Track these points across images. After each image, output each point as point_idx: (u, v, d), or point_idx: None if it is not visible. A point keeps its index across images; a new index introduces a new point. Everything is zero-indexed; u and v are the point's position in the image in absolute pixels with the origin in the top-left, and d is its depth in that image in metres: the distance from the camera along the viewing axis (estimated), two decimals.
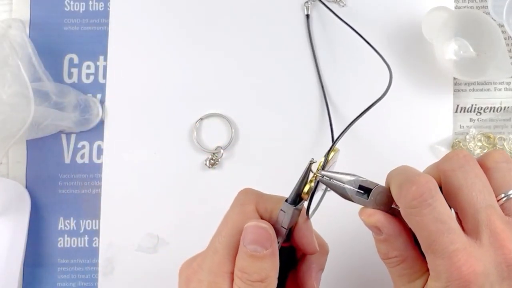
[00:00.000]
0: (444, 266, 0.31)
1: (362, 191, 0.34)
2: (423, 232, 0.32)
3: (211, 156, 0.52)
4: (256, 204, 0.36)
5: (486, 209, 0.32)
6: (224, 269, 0.35)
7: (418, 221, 0.32)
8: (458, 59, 0.49)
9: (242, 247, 0.34)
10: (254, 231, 0.34)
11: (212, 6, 0.54)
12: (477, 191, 0.32)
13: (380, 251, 0.35)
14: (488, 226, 0.32)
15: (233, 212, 0.36)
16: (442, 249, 0.31)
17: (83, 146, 0.53)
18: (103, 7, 0.54)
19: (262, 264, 0.34)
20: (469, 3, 0.53)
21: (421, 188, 0.32)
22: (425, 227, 0.32)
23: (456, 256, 0.31)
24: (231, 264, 0.35)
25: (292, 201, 0.35)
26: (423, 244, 0.32)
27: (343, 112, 0.52)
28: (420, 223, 0.32)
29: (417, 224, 0.32)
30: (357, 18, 0.53)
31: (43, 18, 0.55)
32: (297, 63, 0.53)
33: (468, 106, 0.52)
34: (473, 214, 0.32)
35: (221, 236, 0.35)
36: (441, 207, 0.32)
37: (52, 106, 0.50)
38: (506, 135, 0.51)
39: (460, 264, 0.31)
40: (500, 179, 0.33)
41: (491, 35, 0.49)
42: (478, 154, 0.50)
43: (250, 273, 0.33)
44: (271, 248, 0.34)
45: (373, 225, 0.34)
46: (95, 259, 0.51)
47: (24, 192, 0.52)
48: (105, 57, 0.54)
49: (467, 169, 0.33)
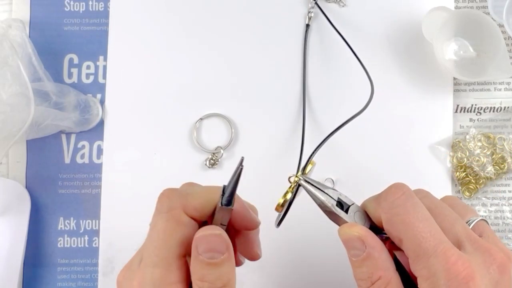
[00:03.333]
0: (440, 265, 0.30)
1: (341, 206, 0.34)
2: (410, 231, 0.32)
3: (211, 156, 0.52)
4: (183, 207, 0.35)
5: (462, 225, 0.33)
6: (168, 281, 0.33)
7: (404, 220, 0.32)
8: (458, 59, 0.49)
9: (197, 256, 0.32)
10: (207, 239, 0.32)
11: (213, 7, 0.54)
12: (448, 210, 0.34)
13: (362, 275, 0.33)
14: (468, 237, 0.32)
15: (161, 220, 0.34)
16: (434, 247, 0.31)
17: (83, 146, 0.53)
18: (103, 7, 0.54)
19: (222, 269, 0.32)
20: (469, 3, 0.53)
21: (401, 187, 0.33)
22: (412, 225, 0.32)
23: (449, 251, 0.31)
24: (173, 275, 0.33)
25: (228, 203, 0.33)
26: (412, 245, 0.31)
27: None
28: (407, 222, 0.32)
29: (403, 225, 0.32)
30: (357, 18, 0.53)
31: (43, 18, 0.55)
32: (294, 68, 0.53)
33: (468, 106, 0.52)
34: (450, 229, 0.33)
35: (155, 249, 0.34)
36: (423, 206, 0.33)
37: (52, 106, 0.50)
38: (506, 135, 0.51)
39: (455, 259, 0.31)
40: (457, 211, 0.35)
41: (491, 35, 0.49)
42: (478, 154, 0.50)
43: (212, 280, 0.32)
44: (227, 251, 0.33)
45: (356, 237, 0.33)
46: (95, 259, 0.51)
47: (24, 192, 0.52)
48: (105, 57, 0.54)
49: (434, 198, 0.36)
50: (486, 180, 0.50)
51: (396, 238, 0.33)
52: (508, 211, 0.50)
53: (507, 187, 0.50)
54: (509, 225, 0.50)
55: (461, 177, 0.50)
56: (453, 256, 0.31)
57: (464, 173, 0.50)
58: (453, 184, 0.51)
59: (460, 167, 0.50)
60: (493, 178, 0.50)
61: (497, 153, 0.50)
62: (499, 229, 0.50)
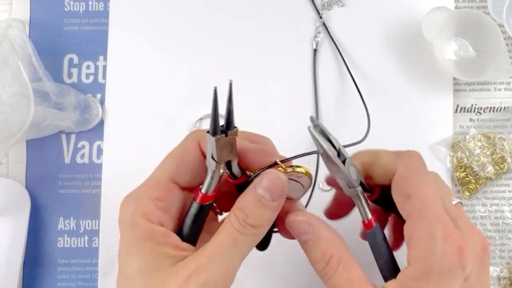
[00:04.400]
0: (440, 231, 0.32)
1: (339, 156, 0.34)
2: (422, 191, 0.33)
3: None
4: (199, 140, 0.35)
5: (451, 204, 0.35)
6: (149, 195, 0.34)
7: (419, 179, 0.34)
8: (458, 59, 0.49)
9: (252, 189, 0.33)
10: (271, 178, 0.33)
11: (213, 7, 0.54)
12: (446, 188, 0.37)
13: (316, 257, 0.34)
14: (460, 216, 0.34)
15: (176, 148, 0.36)
16: (438, 214, 0.33)
17: (83, 146, 0.53)
18: (103, 7, 0.54)
19: (263, 212, 0.33)
20: (469, 3, 0.53)
21: (419, 154, 0.36)
22: (426, 187, 0.34)
23: (449, 224, 0.33)
24: (157, 192, 0.34)
25: (213, 133, 0.32)
26: (419, 204, 0.33)
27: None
28: (422, 182, 0.34)
29: (417, 183, 0.34)
30: (357, 19, 0.53)
31: (43, 18, 0.55)
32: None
33: (468, 106, 0.52)
34: (448, 205, 0.34)
35: (157, 168, 0.36)
36: (435, 181, 0.36)
37: (52, 106, 0.50)
38: (506, 135, 0.51)
39: (453, 231, 0.33)
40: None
41: (491, 35, 0.49)
42: (478, 154, 0.50)
43: (249, 215, 0.33)
44: (278, 202, 0.33)
45: (302, 221, 0.34)
46: (95, 259, 0.51)
47: (24, 192, 0.52)
48: (105, 57, 0.54)
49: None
50: (486, 180, 0.50)
51: (404, 194, 0.34)
52: (508, 211, 0.50)
53: (507, 187, 0.50)
54: (509, 225, 0.50)
55: (461, 177, 0.50)
56: (452, 229, 0.33)
57: (464, 173, 0.50)
58: (453, 184, 0.51)
59: (460, 167, 0.50)
60: (493, 178, 0.50)
61: (497, 153, 0.50)
62: (499, 229, 0.50)
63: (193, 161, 0.35)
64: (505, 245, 0.50)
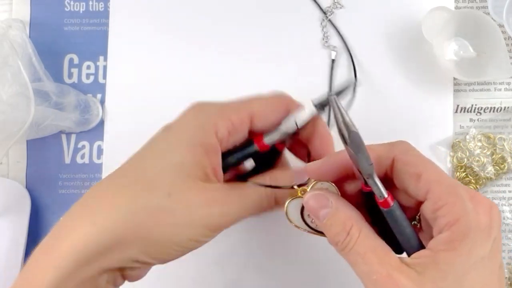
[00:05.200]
0: (466, 191, 0.32)
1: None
2: (431, 166, 0.34)
3: None
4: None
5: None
6: (228, 114, 0.37)
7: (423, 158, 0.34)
8: (458, 59, 0.49)
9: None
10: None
11: (212, 7, 0.54)
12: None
13: (337, 229, 0.33)
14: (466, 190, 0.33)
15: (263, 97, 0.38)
16: (454, 180, 0.34)
17: (83, 146, 0.53)
18: (103, 7, 0.55)
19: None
20: (469, 3, 0.53)
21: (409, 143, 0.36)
22: (432, 163, 0.34)
23: (467, 187, 0.33)
24: (234, 115, 0.37)
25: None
26: (435, 176, 0.33)
27: None
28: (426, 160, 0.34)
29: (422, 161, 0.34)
30: (358, 19, 0.53)
31: (43, 18, 0.55)
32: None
33: (468, 106, 0.52)
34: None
35: (240, 100, 0.38)
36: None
37: (52, 106, 0.50)
38: (506, 135, 0.51)
39: (475, 192, 0.33)
40: None
41: (491, 35, 0.49)
42: (478, 154, 0.50)
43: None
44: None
45: (321, 195, 0.34)
46: None
47: (24, 192, 0.52)
48: (105, 57, 0.54)
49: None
50: (486, 180, 0.50)
51: (413, 175, 0.33)
52: (508, 211, 0.50)
53: (507, 187, 0.50)
54: (509, 225, 0.50)
55: (461, 177, 0.50)
56: (472, 191, 0.33)
57: (464, 173, 0.50)
58: None
59: (460, 167, 0.50)
60: (493, 178, 0.50)
61: (497, 153, 0.50)
62: None
63: (275, 116, 0.38)
64: (505, 245, 0.50)
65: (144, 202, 0.34)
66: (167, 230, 0.34)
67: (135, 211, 0.34)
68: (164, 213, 0.34)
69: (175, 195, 0.34)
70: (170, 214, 0.34)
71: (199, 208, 0.35)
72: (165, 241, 0.34)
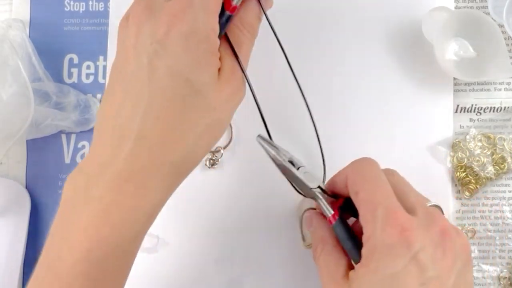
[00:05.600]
0: (383, 212, 0.35)
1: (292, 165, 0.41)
2: (368, 185, 0.37)
3: (211, 156, 0.52)
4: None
5: (417, 195, 0.39)
6: (213, 8, 0.38)
7: (365, 176, 0.37)
8: (458, 59, 0.49)
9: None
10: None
11: None
12: (409, 186, 0.40)
13: (313, 243, 0.41)
14: (420, 204, 0.37)
15: None
16: (384, 201, 0.35)
17: (83, 146, 0.53)
18: (103, 7, 0.54)
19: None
20: (469, 3, 0.53)
21: (369, 160, 0.39)
22: (371, 182, 0.37)
23: (396, 207, 0.35)
24: (216, 5, 0.38)
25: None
26: (366, 196, 0.36)
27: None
28: (367, 178, 0.37)
29: (363, 180, 0.37)
30: (357, 18, 0.53)
31: (43, 18, 0.55)
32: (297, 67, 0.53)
33: (468, 106, 0.52)
34: (406, 198, 0.37)
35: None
36: (383, 176, 0.38)
37: (52, 106, 0.50)
38: (506, 135, 0.51)
39: (399, 213, 0.35)
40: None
41: (491, 35, 0.49)
42: (478, 154, 0.50)
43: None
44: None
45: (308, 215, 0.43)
46: None
47: (24, 192, 0.52)
48: (105, 57, 0.54)
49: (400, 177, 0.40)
50: (486, 180, 0.50)
51: (353, 192, 0.37)
52: (508, 211, 0.50)
53: (507, 187, 0.50)
54: (509, 225, 0.50)
55: (461, 177, 0.50)
56: (397, 209, 0.35)
57: (464, 173, 0.50)
58: (453, 184, 0.51)
59: (460, 167, 0.50)
60: (493, 178, 0.50)
61: (497, 153, 0.50)
62: (499, 229, 0.50)
63: None
64: (505, 245, 0.50)
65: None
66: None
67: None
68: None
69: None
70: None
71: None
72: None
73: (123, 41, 0.39)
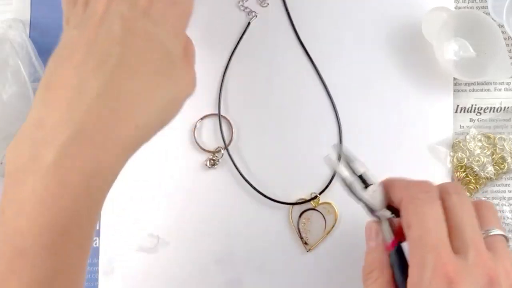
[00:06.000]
0: (432, 260, 0.32)
1: (363, 181, 0.38)
2: (419, 221, 0.34)
3: (211, 156, 0.52)
4: None
5: (473, 232, 0.35)
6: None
7: (418, 210, 0.34)
8: (458, 59, 0.49)
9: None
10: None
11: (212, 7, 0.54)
12: (467, 214, 0.36)
13: (366, 261, 0.38)
14: (474, 245, 0.34)
15: None
16: (434, 244, 0.33)
17: None
18: None
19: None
20: (469, 3, 0.53)
21: (429, 185, 0.36)
22: (423, 217, 0.34)
23: (445, 252, 0.33)
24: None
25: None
26: (416, 234, 0.34)
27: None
28: (420, 212, 0.34)
29: (415, 214, 0.34)
30: (357, 18, 0.53)
31: (43, 18, 0.54)
32: (297, 67, 0.53)
33: (468, 106, 0.52)
34: (460, 234, 0.34)
35: None
36: (440, 207, 0.35)
37: None
38: (506, 135, 0.51)
39: (447, 261, 0.32)
40: (483, 217, 0.36)
41: (491, 35, 0.49)
42: (478, 154, 0.50)
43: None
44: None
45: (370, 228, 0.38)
46: (95, 259, 0.51)
47: None
48: None
49: (461, 197, 0.36)
50: (486, 180, 0.50)
51: (405, 224, 0.35)
52: (508, 211, 0.50)
53: (507, 187, 0.50)
54: (509, 225, 0.50)
55: (461, 177, 0.50)
56: (446, 258, 0.33)
57: (464, 173, 0.50)
58: None
59: (460, 167, 0.50)
60: (493, 178, 0.50)
61: (497, 153, 0.50)
62: None
63: None
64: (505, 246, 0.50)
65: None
66: None
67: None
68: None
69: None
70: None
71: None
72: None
73: (80, 14, 0.39)
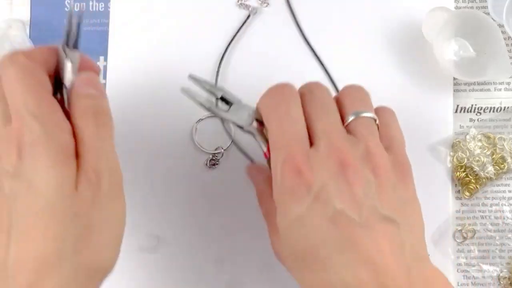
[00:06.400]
0: (282, 156, 0.34)
1: (226, 102, 0.39)
2: (275, 126, 0.35)
3: (211, 156, 0.52)
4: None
5: (327, 121, 0.36)
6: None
7: (271, 116, 0.36)
8: (458, 59, 0.49)
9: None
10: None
11: (212, 7, 0.54)
12: (326, 103, 0.37)
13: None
14: (327, 133, 0.35)
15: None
16: (286, 143, 0.34)
17: None
18: (103, 7, 0.55)
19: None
20: (469, 3, 0.53)
21: (282, 87, 0.37)
22: (274, 122, 0.36)
23: (297, 149, 0.34)
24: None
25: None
26: (272, 137, 0.35)
27: None
28: (275, 117, 0.36)
29: (269, 120, 0.36)
30: (357, 18, 0.53)
31: (43, 18, 0.55)
32: (299, 64, 0.53)
33: (468, 106, 0.52)
34: (313, 124, 0.35)
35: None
36: (295, 112, 0.36)
37: None
38: (506, 135, 0.51)
39: (295, 154, 0.34)
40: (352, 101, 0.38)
41: (491, 35, 0.49)
42: (478, 154, 0.50)
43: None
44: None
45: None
46: None
47: None
48: (105, 57, 0.54)
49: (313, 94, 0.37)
50: (486, 180, 0.50)
51: (266, 129, 0.37)
52: (508, 211, 0.50)
53: (507, 187, 0.50)
54: (509, 225, 0.50)
55: (461, 177, 0.50)
56: (296, 152, 0.34)
57: (464, 173, 0.50)
58: (453, 184, 0.51)
59: (460, 167, 0.50)
60: (493, 178, 0.50)
61: (497, 153, 0.50)
62: (499, 229, 0.50)
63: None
64: (505, 245, 0.50)
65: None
66: None
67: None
68: None
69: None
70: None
71: None
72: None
73: None
